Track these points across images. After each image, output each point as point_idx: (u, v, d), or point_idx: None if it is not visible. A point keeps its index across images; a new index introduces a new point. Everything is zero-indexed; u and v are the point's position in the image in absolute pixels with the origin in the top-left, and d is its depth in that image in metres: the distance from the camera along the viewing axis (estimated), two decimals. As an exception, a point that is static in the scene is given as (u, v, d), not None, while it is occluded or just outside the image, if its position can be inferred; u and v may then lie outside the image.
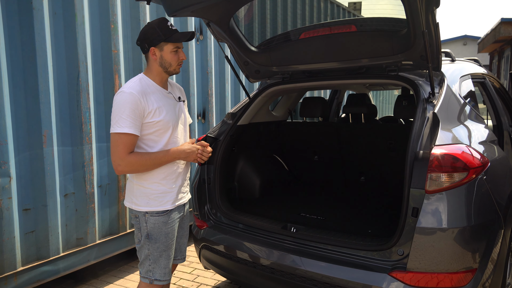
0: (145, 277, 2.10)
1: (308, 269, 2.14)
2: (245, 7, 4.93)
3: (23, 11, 2.70)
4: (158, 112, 2.00)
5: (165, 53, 2.01)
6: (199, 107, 4.38)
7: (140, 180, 2.06)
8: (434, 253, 1.86)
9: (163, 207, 2.07)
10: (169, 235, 2.11)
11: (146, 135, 2.01)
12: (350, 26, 2.47)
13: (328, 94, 5.41)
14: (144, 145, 2.03)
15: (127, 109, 1.91)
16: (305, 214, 2.82)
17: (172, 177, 2.11)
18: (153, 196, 2.06)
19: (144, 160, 1.97)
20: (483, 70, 3.20)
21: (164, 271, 2.10)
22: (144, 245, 2.08)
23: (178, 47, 2.04)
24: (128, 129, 1.91)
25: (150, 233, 2.06)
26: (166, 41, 1.99)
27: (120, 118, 1.91)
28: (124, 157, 1.92)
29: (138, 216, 2.08)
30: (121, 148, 1.92)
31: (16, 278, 2.71)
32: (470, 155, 1.95)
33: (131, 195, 2.11)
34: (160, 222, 2.07)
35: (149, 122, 1.98)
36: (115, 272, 3.54)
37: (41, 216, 2.86)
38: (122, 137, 1.91)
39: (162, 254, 2.09)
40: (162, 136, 2.05)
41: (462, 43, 27.56)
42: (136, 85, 1.98)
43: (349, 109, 3.73)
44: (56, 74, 2.93)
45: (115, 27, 3.27)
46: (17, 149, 2.71)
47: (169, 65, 2.03)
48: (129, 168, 1.97)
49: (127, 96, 1.92)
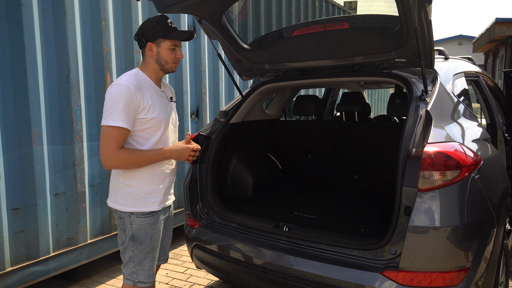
0: (128, 279, 2.05)
1: (301, 269, 2.12)
2: (239, 5, 4.90)
3: (11, 8, 2.65)
4: (152, 109, 1.96)
5: (162, 50, 1.98)
6: (192, 105, 4.35)
7: (127, 179, 2.01)
8: (426, 252, 1.84)
9: (149, 208, 2.02)
10: (154, 236, 2.05)
11: (137, 131, 1.96)
12: (343, 23, 2.46)
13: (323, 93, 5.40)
14: (133, 141, 1.98)
15: (122, 102, 1.86)
16: (298, 213, 2.80)
17: (159, 178, 2.06)
18: (140, 196, 2.00)
19: (135, 157, 1.92)
20: (477, 69, 3.19)
21: (148, 273, 2.05)
22: (128, 246, 2.02)
23: (176, 45, 2.01)
24: (121, 122, 1.85)
25: (135, 235, 2.01)
26: (164, 38, 1.96)
27: (114, 111, 1.85)
28: (114, 152, 1.87)
29: (123, 217, 2.02)
30: (112, 142, 1.86)
31: (5, 279, 2.68)
32: (463, 153, 1.93)
33: (116, 194, 2.04)
34: (145, 223, 2.01)
35: (142, 118, 1.94)
36: (107, 272, 3.51)
37: (30, 216, 2.82)
38: (114, 130, 1.86)
39: (146, 256, 2.04)
40: (153, 134, 2.00)
41: (457, 43, 27.66)
42: (132, 78, 1.94)
43: (342, 107, 3.71)
44: (46, 71, 2.89)
45: (106, 24, 3.24)
46: (6, 147, 2.67)
47: (165, 62, 2.00)
48: (118, 164, 1.91)
49: (123, 89, 1.87)
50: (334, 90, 4.96)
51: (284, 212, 2.82)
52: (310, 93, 6.48)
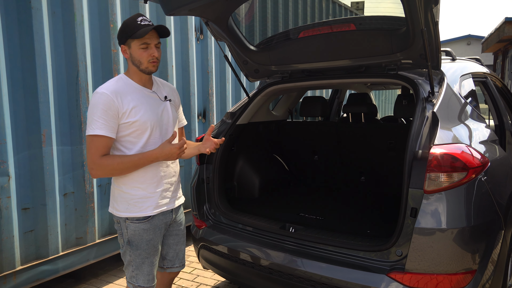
0: (129, 282, 2.05)
1: (307, 270, 2.12)
2: (246, 7, 4.92)
3: (21, 11, 2.70)
4: (134, 112, 1.89)
5: (133, 50, 1.89)
6: (199, 106, 4.37)
7: (119, 184, 1.97)
8: (433, 254, 1.83)
9: (143, 213, 1.97)
10: (151, 242, 2.00)
11: (123, 136, 1.92)
12: (349, 25, 2.46)
13: (330, 94, 5.39)
14: (121, 146, 1.94)
15: (98, 110, 1.83)
16: (304, 214, 2.80)
17: (153, 181, 1.98)
18: (133, 201, 1.96)
19: (116, 164, 1.87)
20: (484, 69, 3.17)
21: (147, 277, 2.02)
22: (126, 251, 2.01)
23: (147, 43, 1.88)
24: (99, 130, 1.83)
25: (131, 240, 1.98)
26: (131, 38, 1.86)
27: (92, 120, 1.84)
28: (96, 160, 1.84)
29: (120, 222, 2.01)
30: (94, 151, 1.84)
31: (15, 277, 2.71)
32: (470, 155, 1.93)
33: (113, 200, 2.02)
34: (140, 229, 1.97)
35: (124, 123, 1.89)
36: (114, 272, 3.54)
37: (40, 215, 2.86)
38: (94, 139, 1.84)
39: (144, 261, 2.01)
40: (140, 137, 1.94)
41: (466, 43, 27.41)
42: (111, 85, 1.90)
43: (349, 109, 3.71)
44: (55, 73, 2.93)
45: (114, 26, 3.27)
46: (16, 148, 2.71)
47: (139, 62, 1.90)
48: (101, 172, 1.88)
49: (98, 97, 1.85)
50: (340, 91, 4.95)
51: (290, 213, 2.83)
52: (316, 94, 6.48)
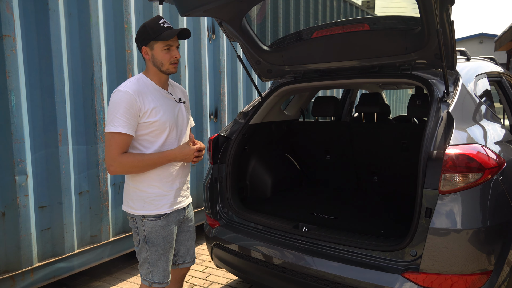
0: (145, 279, 2.09)
1: (320, 269, 2.13)
2: (258, 7, 4.93)
3: (39, 12, 2.75)
4: (155, 112, 1.95)
5: (156, 52, 1.96)
6: (211, 106, 4.40)
7: (136, 183, 2.02)
8: (448, 254, 1.83)
9: (159, 210, 2.02)
10: (167, 238, 2.06)
11: (141, 135, 1.97)
12: (363, 25, 2.46)
13: (341, 93, 5.38)
14: (139, 145, 1.98)
15: (121, 108, 1.87)
16: (317, 213, 2.81)
17: (168, 180, 2.04)
18: (149, 199, 2.01)
19: (136, 162, 1.92)
20: (499, 69, 3.14)
21: (163, 274, 2.07)
22: (142, 248, 2.06)
23: (170, 45, 1.96)
24: (121, 128, 1.87)
25: (148, 237, 2.03)
26: (155, 40, 1.93)
27: (114, 118, 1.88)
28: (116, 158, 1.89)
29: (136, 220, 2.05)
30: (114, 148, 1.88)
31: (33, 274, 2.77)
32: (486, 155, 1.91)
33: (128, 198, 2.06)
34: (157, 226, 2.02)
35: (144, 122, 1.94)
36: (128, 270, 3.58)
37: (56, 214, 2.91)
38: (115, 136, 1.88)
39: (160, 257, 2.06)
40: (158, 137, 2.00)
41: (478, 41, 27.06)
42: (133, 84, 1.95)
43: (361, 108, 3.70)
44: (71, 74, 2.98)
45: (128, 27, 3.31)
46: (34, 147, 2.77)
47: (161, 64, 1.97)
48: (120, 169, 1.93)
49: (122, 95, 1.89)
50: (352, 91, 4.94)
51: (303, 212, 2.84)
52: (328, 94, 6.46)
